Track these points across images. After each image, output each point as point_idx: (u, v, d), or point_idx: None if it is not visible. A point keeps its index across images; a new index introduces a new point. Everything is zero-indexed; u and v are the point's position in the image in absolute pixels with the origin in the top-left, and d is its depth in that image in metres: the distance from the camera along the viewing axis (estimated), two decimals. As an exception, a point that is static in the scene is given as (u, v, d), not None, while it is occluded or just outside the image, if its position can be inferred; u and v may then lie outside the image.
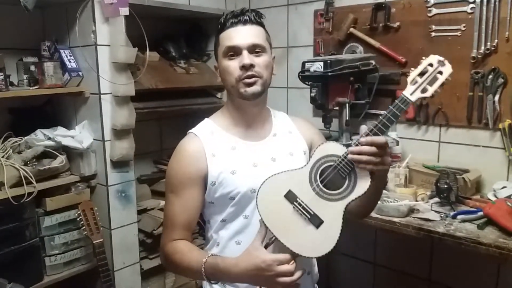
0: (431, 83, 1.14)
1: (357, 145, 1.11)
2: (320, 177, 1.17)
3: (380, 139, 1.11)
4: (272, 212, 1.16)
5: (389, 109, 1.13)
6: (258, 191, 1.18)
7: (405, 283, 2.34)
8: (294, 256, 1.12)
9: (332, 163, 1.16)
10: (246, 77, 1.25)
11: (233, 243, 1.30)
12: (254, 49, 1.26)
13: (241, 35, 1.26)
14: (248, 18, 1.27)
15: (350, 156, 1.12)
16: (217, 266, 1.17)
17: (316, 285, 1.45)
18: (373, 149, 1.10)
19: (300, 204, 1.15)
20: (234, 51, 1.26)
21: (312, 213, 1.14)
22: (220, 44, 1.29)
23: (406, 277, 2.33)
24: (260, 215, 1.16)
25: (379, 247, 2.43)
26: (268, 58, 1.29)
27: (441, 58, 1.15)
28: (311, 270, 1.41)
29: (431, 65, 1.15)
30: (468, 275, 2.09)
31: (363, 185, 1.13)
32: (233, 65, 1.26)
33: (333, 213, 1.13)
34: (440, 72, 1.14)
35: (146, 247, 2.38)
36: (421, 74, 1.15)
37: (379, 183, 1.23)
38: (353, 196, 1.13)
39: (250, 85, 1.25)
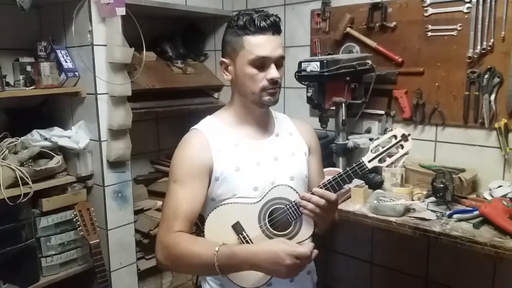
0: (390, 155, 1.21)
1: (312, 193, 1.19)
2: (269, 217, 1.23)
3: (330, 195, 1.19)
4: (216, 238, 1.20)
5: (346, 170, 1.21)
6: (208, 215, 1.24)
7: (402, 282, 2.34)
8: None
9: (282, 206, 1.23)
10: (272, 88, 1.28)
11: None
12: (279, 61, 1.28)
13: (272, 45, 1.25)
14: (275, 25, 1.27)
15: (298, 199, 1.20)
16: (234, 254, 1.13)
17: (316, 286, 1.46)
18: (321, 201, 1.18)
19: (244, 238, 1.21)
20: (263, 62, 1.26)
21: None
22: (246, 48, 1.25)
23: (403, 276, 2.33)
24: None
25: (376, 246, 2.44)
26: (283, 68, 1.33)
27: (406, 133, 1.22)
28: (312, 270, 1.42)
29: (395, 137, 1.22)
30: (464, 274, 2.10)
31: (305, 232, 1.21)
32: (260, 75, 1.27)
33: None
34: (402, 146, 1.21)
35: (142, 248, 2.38)
36: (384, 143, 1.22)
37: (323, 228, 1.30)
38: (296, 240, 1.20)
39: (273, 94, 1.29)
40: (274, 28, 1.26)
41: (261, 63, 1.25)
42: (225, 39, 1.32)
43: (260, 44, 1.24)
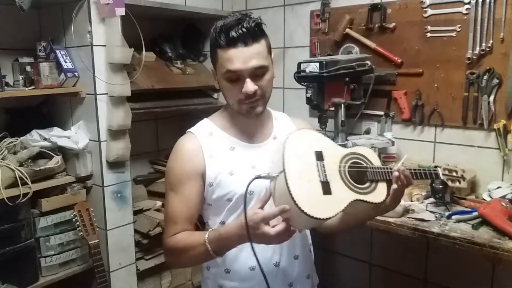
0: (453, 181, 1.31)
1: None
2: (349, 166, 1.20)
3: (411, 179, 1.19)
4: (295, 154, 1.14)
5: (424, 168, 1.25)
6: (294, 132, 1.19)
7: (401, 283, 2.35)
8: (283, 209, 1.09)
9: (363, 163, 1.20)
10: (249, 102, 1.23)
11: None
12: (257, 72, 1.20)
13: (243, 57, 1.18)
14: (248, 33, 1.17)
15: (398, 171, 1.17)
16: (219, 235, 1.16)
17: None
18: (404, 181, 1.17)
19: (323, 166, 1.15)
20: (236, 75, 1.20)
21: (327, 180, 1.14)
22: (219, 63, 1.22)
23: (402, 277, 2.33)
24: (284, 148, 1.13)
25: (375, 247, 2.44)
26: (270, 75, 1.25)
27: (465, 176, 1.32)
28: (311, 273, 1.41)
29: (456, 172, 1.31)
30: (463, 275, 2.10)
31: (379, 196, 1.18)
32: (235, 89, 1.22)
33: (341, 196, 1.13)
34: (459, 182, 1.31)
35: (142, 248, 2.38)
36: (451, 171, 1.31)
37: (379, 211, 1.26)
38: (366, 198, 1.15)
39: (253, 107, 1.24)
40: (247, 37, 1.17)
41: (234, 77, 1.20)
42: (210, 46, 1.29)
43: (229, 58, 1.18)
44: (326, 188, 1.12)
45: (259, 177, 1.12)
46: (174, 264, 1.29)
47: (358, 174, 1.18)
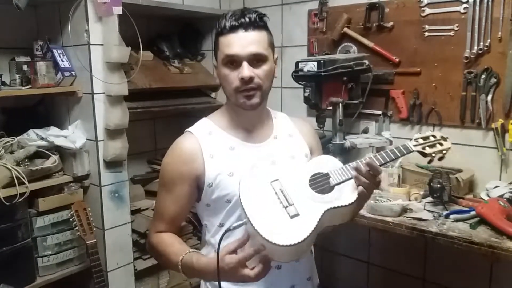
0: (431, 147, 1.28)
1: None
2: (310, 178, 1.19)
3: (377, 167, 1.15)
4: (252, 195, 1.15)
5: (391, 148, 1.23)
6: (244, 175, 1.19)
7: (399, 282, 2.35)
8: (258, 250, 1.09)
9: (322, 172, 1.19)
10: (245, 89, 1.22)
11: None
12: (255, 59, 1.21)
13: (241, 42, 1.20)
14: (249, 21, 1.20)
15: (355, 165, 1.16)
16: (192, 265, 1.18)
17: None
18: (369, 172, 1.14)
19: (282, 192, 1.16)
20: (233, 60, 1.20)
21: (290, 203, 1.14)
22: (220, 49, 1.24)
23: (400, 276, 2.33)
24: (240, 194, 1.15)
25: (373, 246, 2.44)
26: (269, 67, 1.25)
27: (445, 136, 1.31)
28: (312, 275, 1.40)
29: (433, 136, 1.30)
30: (461, 274, 2.10)
31: (349, 197, 1.15)
32: (232, 75, 1.22)
33: (310, 212, 1.12)
34: (441, 144, 1.29)
35: (139, 248, 2.37)
36: (424, 138, 1.30)
37: (356, 209, 1.24)
38: (337, 203, 1.14)
39: (249, 97, 1.23)
40: (248, 24, 1.20)
41: (232, 62, 1.21)
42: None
43: (229, 43, 1.21)
44: (292, 211, 1.12)
45: (229, 230, 1.13)
46: (154, 258, 1.40)
47: (324, 184, 1.18)
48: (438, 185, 1.79)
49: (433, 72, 2.06)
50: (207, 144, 1.28)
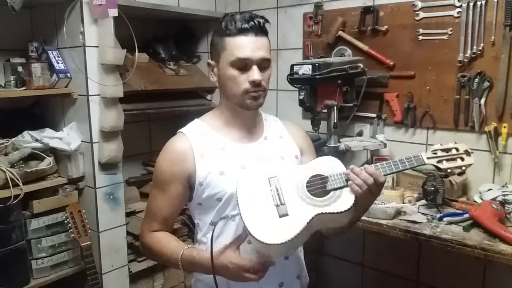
0: (449, 160, 1.22)
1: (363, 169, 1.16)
2: (307, 182, 1.19)
3: (380, 175, 1.15)
4: (248, 190, 1.18)
5: (401, 158, 1.20)
6: (246, 169, 1.23)
7: (393, 284, 2.36)
8: (263, 257, 1.15)
9: (323, 174, 1.18)
10: (254, 91, 1.26)
11: (222, 246, 1.29)
12: (262, 63, 1.25)
13: (253, 47, 1.23)
14: (259, 26, 1.24)
15: (349, 170, 1.16)
16: (193, 259, 1.22)
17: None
18: (370, 179, 1.14)
19: (277, 190, 1.17)
20: (245, 63, 1.23)
21: (282, 203, 1.15)
22: (227, 50, 1.25)
23: (394, 278, 2.34)
24: (237, 188, 1.18)
25: (367, 248, 2.45)
26: (271, 71, 1.31)
27: (469, 150, 1.24)
28: (301, 273, 1.42)
29: (456, 149, 1.23)
30: (454, 276, 2.11)
31: (343, 205, 1.13)
32: (241, 77, 1.25)
33: (300, 214, 1.12)
34: (462, 159, 1.22)
35: (134, 250, 2.37)
36: (445, 150, 1.23)
37: (354, 218, 1.25)
38: (329, 209, 1.13)
39: (256, 98, 1.27)
40: (258, 29, 1.24)
41: (242, 65, 1.24)
42: (211, 41, 1.33)
43: (240, 46, 1.23)
44: (282, 211, 1.14)
45: (227, 217, 1.22)
46: (148, 258, 1.46)
47: (321, 187, 1.17)
48: (432, 188, 1.80)
49: (427, 75, 2.08)
50: (198, 144, 1.30)
